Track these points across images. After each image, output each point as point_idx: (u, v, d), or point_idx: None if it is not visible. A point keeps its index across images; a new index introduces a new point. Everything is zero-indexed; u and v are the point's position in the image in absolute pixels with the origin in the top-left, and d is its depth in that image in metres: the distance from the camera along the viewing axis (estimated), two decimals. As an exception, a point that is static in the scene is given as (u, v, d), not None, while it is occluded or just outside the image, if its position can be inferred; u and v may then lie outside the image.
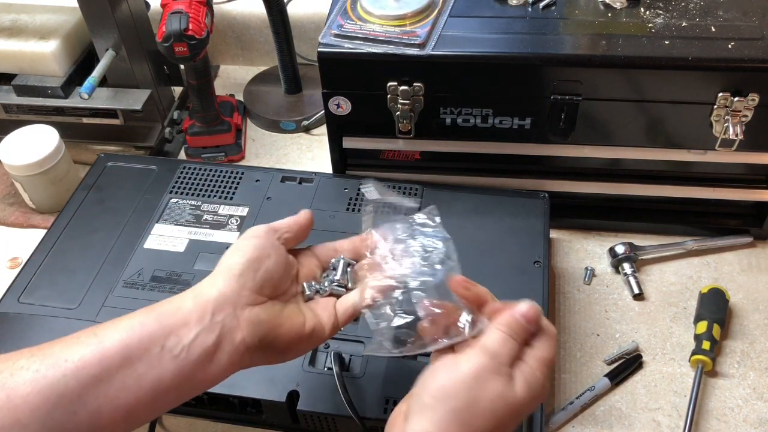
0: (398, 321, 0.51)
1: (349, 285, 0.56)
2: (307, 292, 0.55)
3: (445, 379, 0.46)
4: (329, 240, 0.60)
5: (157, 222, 0.79)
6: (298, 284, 0.56)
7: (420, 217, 0.56)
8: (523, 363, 0.47)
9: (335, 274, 0.57)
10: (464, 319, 0.49)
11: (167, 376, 0.46)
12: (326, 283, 0.56)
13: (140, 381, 0.46)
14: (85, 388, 0.44)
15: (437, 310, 0.50)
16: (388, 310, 0.52)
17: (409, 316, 0.51)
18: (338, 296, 0.56)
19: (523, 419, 0.48)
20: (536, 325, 0.49)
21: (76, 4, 0.90)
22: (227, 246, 0.75)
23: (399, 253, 0.54)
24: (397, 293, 0.52)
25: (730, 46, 0.72)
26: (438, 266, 0.53)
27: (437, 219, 0.56)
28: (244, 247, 0.52)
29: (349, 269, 0.57)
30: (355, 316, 0.55)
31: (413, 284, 0.52)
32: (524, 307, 0.49)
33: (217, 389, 0.63)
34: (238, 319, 0.49)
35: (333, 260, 0.58)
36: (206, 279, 0.51)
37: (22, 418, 0.43)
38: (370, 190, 0.58)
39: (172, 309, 0.49)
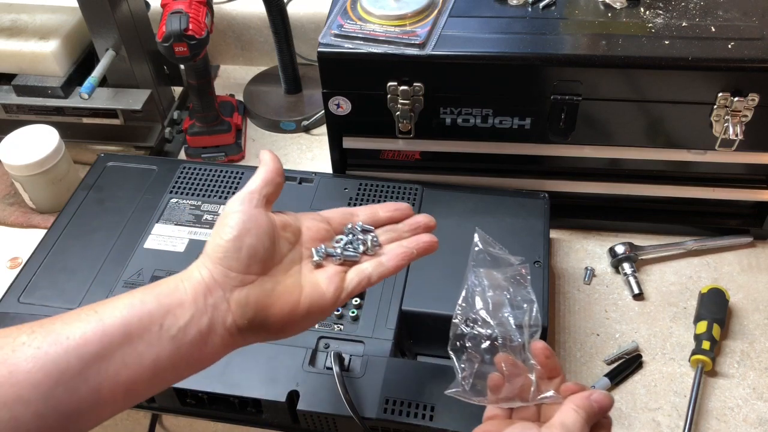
0: (476, 367, 0.53)
1: (369, 251, 0.54)
2: (315, 258, 0.52)
3: None
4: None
5: (157, 222, 0.79)
6: (301, 247, 0.53)
7: (516, 271, 0.57)
8: None
9: (352, 238, 0.54)
10: (534, 385, 0.51)
11: (165, 354, 0.47)
12: (338, 249, 0.53)
13: (140, 358, 0.46)
14: (87, 365, 0.45)
15: (511, 367, 0.51)
16: (472, 356, 0.53)
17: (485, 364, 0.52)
18: (351, 264, 0.54)
19: None
20: (605, 414, 0.51)
21: (76, 4, 0.90)
22: (227, 246, 0.76)
23: (495, 304, 0.54)
24: (486, 344, 0.53)
25: (730, 46, 0.72)
26: (524, 327, 0.54)
27: (528, 278, 0.57)
28: (223, 227, 0.50)
29: (369, 236, 0.55)
30: (367, 287, 0.53)
31: (501, 339, 0.53)
32: (600, 395, 0.50)
33: (217, 389, 0.64)
34: (228, 302, 0.49)
35: (348, 225, 0.55)
36: (197, 261, 0.51)
37: (24, 394, 0.43)
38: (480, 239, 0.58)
39: (169, 289, 0.49)
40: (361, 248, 0.55)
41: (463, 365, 0.53)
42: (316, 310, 0.51)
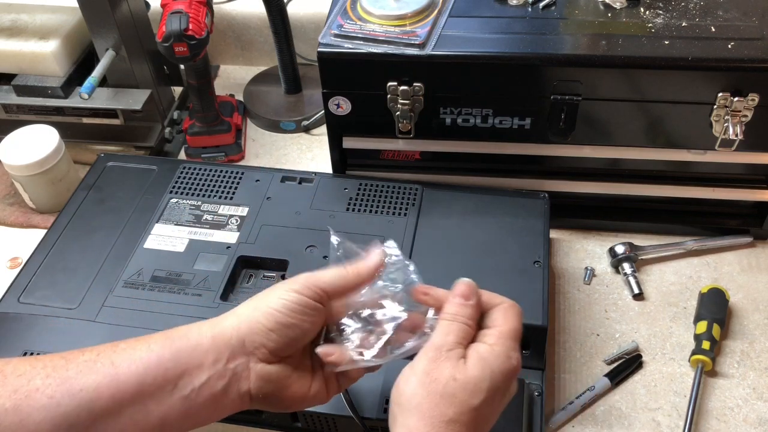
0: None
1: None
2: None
3: (403, 384, 0.47)
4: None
5: (157, 222, 0.79)
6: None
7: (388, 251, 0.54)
8: (478, 343, 0.48)
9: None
10: (430, 321, 0.51)
11: (174, 414, 0.47)
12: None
13: (148, 416, 0.46)
14: (96, 420, 0.45)
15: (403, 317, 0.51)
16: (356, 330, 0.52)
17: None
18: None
19: (499, 394, 0.47)
20: (474, 299, 0.50)
21: (76, 4, 0.90)
22: (227, 246, 0.76)
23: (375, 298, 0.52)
24: (366, 312, 0.52)
25: (729, 46, 0.72)
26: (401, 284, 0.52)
27: (397, 251, 0.54)
28: (281, 306, 0.49)
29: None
30: (355, 377, 0.53)
31: (388, 327, 0.51)
32: (457, 288, 0.50)
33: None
34: (249, 371, 0.49)
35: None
36: (230, 317, 0.50)
37: None
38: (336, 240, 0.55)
39: (190, 346, 0.48)
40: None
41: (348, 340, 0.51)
42: (319, 398, 0.52)
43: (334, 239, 0.54)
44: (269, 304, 0.49)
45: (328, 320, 0.52)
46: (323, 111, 0.81)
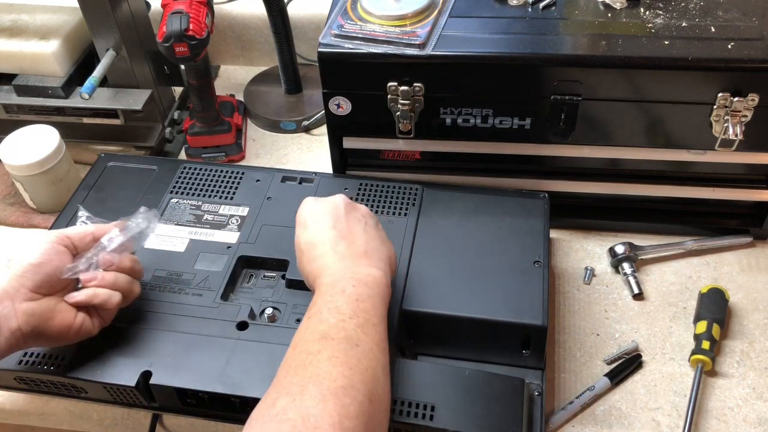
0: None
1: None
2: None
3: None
4: None
5: (157, 222, 0.79)
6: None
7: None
8: None
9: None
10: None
11: None
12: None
13: None
14: None
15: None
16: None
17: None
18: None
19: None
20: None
21: (77, 4, 0.90)
22: (228, 246, 0.76)
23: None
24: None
25: (729, 46, 0.72)
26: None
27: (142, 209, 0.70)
28: (32, 251, 0.63)
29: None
30: (92, 300, 0.64)
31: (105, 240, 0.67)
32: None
33: (217, 389, 0.64)
34: (15, 311, 0.60)
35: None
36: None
37: None
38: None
39: None
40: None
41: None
42: (85, 330, 0.64)
43: (83, 214, 0.71)
44: (24, 253, 0.63)
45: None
46: (323, 111, 0.81)
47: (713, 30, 0.74)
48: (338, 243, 0.63)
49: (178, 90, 1.09)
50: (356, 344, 0.54)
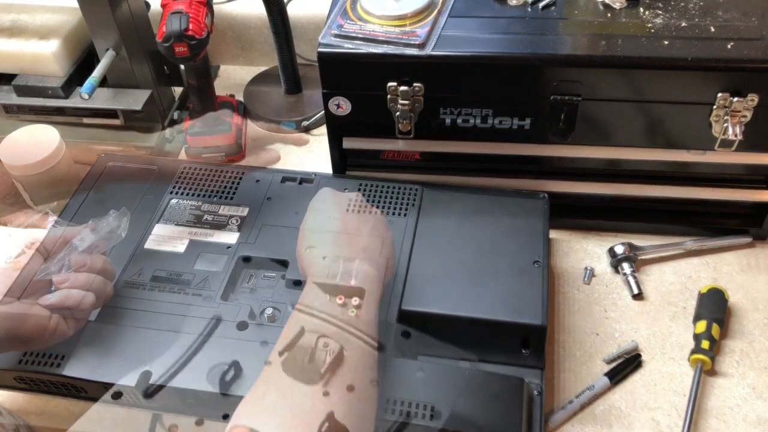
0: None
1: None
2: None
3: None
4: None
5: (157, 222, 0.79)
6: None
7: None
8: None
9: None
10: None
11: None
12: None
13: None
14: None
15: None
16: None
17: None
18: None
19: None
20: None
21: (77, 4, 0.90)
22: (228, 246, 0.76)
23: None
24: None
25: (729, 46, 0.72)
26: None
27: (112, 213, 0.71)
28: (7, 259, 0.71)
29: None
30: (69, 303, 0.64)
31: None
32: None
33: (217, 389, 0.64)
34: None
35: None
36: None
37: None
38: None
39: None
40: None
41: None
42: (60, 331, 0.64)
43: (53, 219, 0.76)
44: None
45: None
46: (323, 111, 0.81)
47: (713, 30, 0.74)
48: (340, 236, 0.63)
49: (178, 90, 1.09)
50: (346, 340, 0.54)
